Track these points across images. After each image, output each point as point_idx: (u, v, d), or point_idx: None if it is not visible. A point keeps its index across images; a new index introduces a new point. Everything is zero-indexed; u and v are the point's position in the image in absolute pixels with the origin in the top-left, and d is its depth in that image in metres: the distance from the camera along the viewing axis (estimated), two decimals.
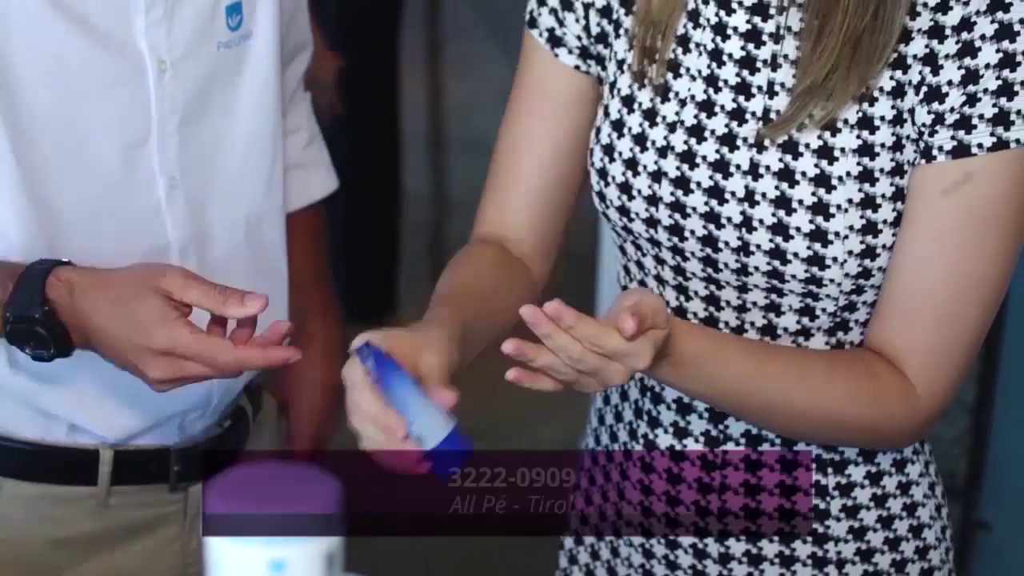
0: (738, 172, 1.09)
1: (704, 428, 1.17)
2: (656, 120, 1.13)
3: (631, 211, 1.14)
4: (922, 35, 1.04)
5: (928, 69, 1.04)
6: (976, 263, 1.05)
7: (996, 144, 1.02)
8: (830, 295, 1.10)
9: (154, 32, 1.19)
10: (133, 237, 1.21)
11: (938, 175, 1.04)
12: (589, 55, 1.19)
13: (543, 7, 1.19)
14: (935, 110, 1.04)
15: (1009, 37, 1.01)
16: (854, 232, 1.07)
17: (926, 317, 1.07)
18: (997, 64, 1.02)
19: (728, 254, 1.10)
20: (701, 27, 1.12)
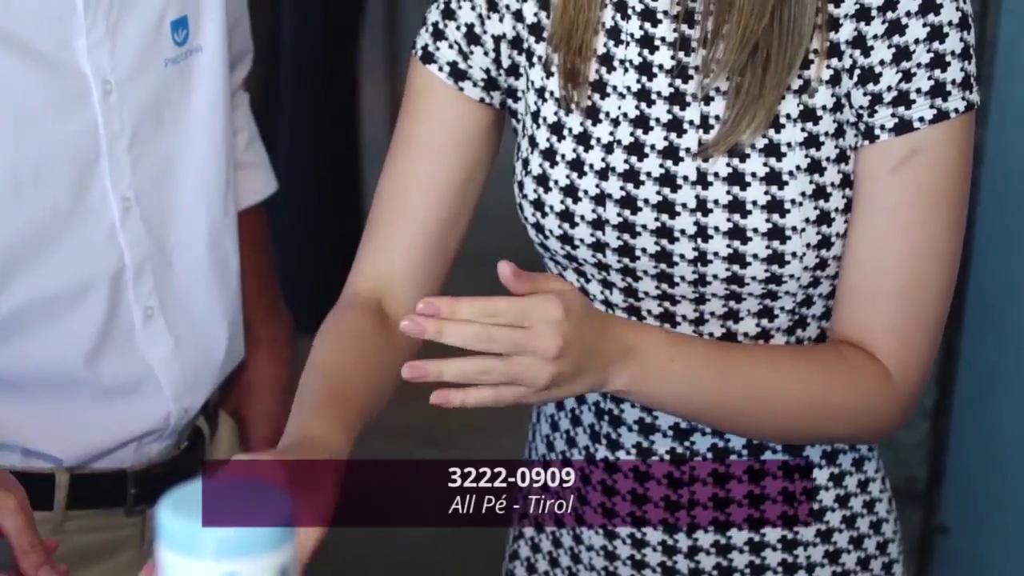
0: (686, 183, 1.09)
1: (669, 447, 1.16)
2: (590, 143, 1.11)
3: (574, 238, 1.13)
4: (849, 19, 1.06)
5: (859, 51, 1.05)
6: (933, 236, 1.06)
7: (937, 116, 1.04)
8: (789, 291, 1.10)
9: (97, 52, 1.17)
10: (88, 262, 1.20)
11: (884, 153, 1.05)
12: (496, 87, 1.17)
13: (441, 41, 1.16)
14: (871, 91, 1.05)
15: (934, 10, 1.03)
16: (810, 224, 1.07)
17: (889, 296, 1.07)
18: (926, 38, 1.03)
19: (684, 267, 1.10)
20: (624, 43, 1.11)
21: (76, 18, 1.16)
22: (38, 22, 1.14)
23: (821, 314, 1.13)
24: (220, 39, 1.27)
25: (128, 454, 1.27)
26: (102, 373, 1.23)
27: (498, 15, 1.14)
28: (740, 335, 1.12)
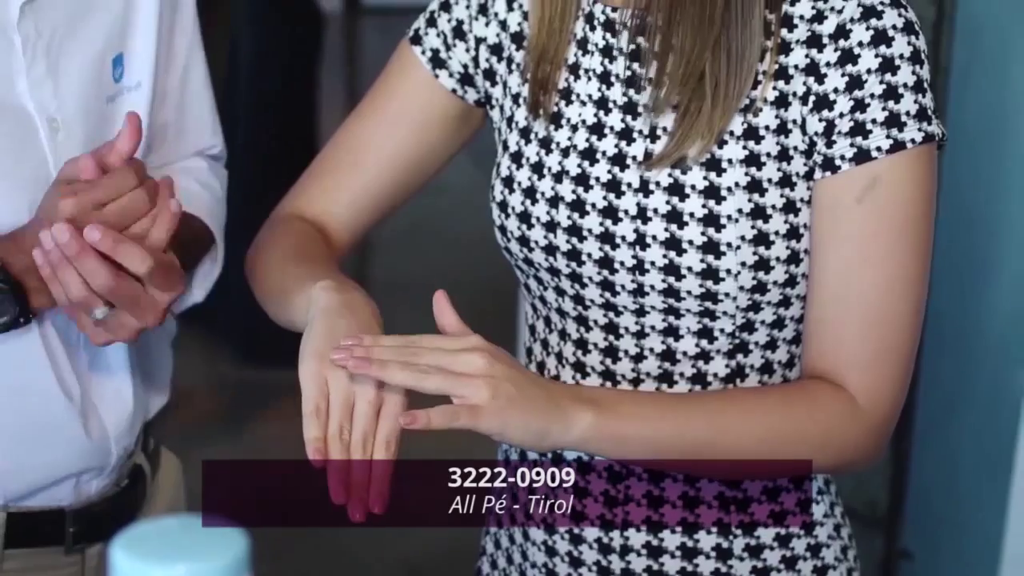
0: (630, 190, 1.10)
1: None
2: (551, 147, 1.14)
3: (531, 240, 1.15)
4: (801, 45, 1.07)
5: (812, 78, 1.06)
6: (900, 264, 1.07)
7: (893, 146, 1.05)
8: (727, 312, 1.10)
9: (39, 91, 1.16)
10: None
11: (847, 184, 1.06)
12: (471, 83, 1.22)
13: (431, 28, 1.22)
14: (826, 117, 1.06)
15: (885, 42, 1.05)
16: (746, 243, 1.08)
17: (857, 327, 1.07)
18: (878, 68, 1.05)
19: (624, 275, 1.11)
20: (590, 53, 1.14)
21: (15, 56, 1.15)
22: None
23: (765, 343, 1.13)
24: (152, 77, 1.26)
25: (66, 492, 1.25)
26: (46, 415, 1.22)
27: (485, 19, 1.20)
28: (680, 353, 1.13)
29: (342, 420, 0.98)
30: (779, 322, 1.12)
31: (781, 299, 1.11)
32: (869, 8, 1.05)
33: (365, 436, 0.98)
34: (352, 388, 0.99)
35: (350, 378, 0.99)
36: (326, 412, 0.98)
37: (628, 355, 1.14)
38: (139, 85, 1.25)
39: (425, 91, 1.22)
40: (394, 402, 0.99)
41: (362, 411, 0.98)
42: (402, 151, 1.22)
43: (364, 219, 1.25)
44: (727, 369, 1.13)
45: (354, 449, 0.97)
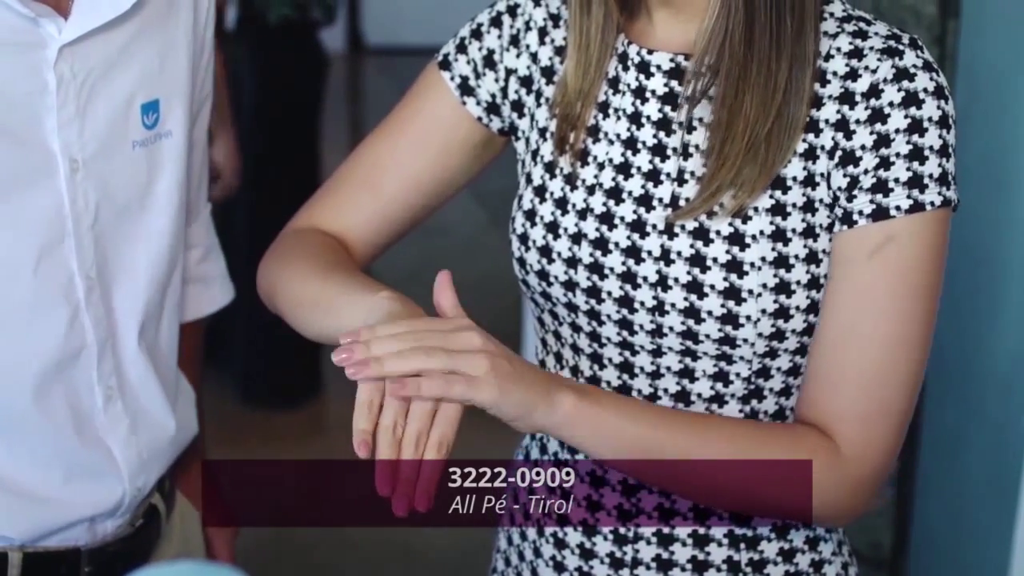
0: (654, 231, 1.11)
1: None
2: (576, 183, 1.15)
3: (550, 275, 1.16)
4: (833, 101, 1.08)
5: (841, 134, 1.07)
6: (903, 324, 1.06)
7: (913, 206, 1.05)
8: (744, 357, 1.10)
9: (66, 131, 1.16)
10: (50, 342, 1.19)
11: (862, 239, 1.06)
12: (497, 112, 1.22)
13: (461, 54, 1.23)
14: (850, 173, 1.07)
15: (915, 104, 1.05)
16: (767, 291, 1.08)
17: (854, 381, 1.07)
18: (906, 129, 1.05)
19: (643, 315, 1.11)
20: (621, 92, 1.14)
21: (48, 96, 1.15)
22: (9, 99, 1.13)
23: (780, 389, 1.13)
24: (185, 125, 1.27)
25: (81, 532, 1.25)
26: (62, 458, 1.22)
27: (516, 51, 1.21)
28: (694, 395, 1.13)
29: (397, 414, 0.97)
30: (794, 369, 1.13)
31: (798, 347, 1.11)
32: (902, 70, 1.06)
33: (419, 434, 0.97)
34: None
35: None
36: (379, 406, 0.98)
37: (641, 395, 1.14)
38: (170, 133, 1.25)
39: (450, 116, 1.22)
40: (452, 406, 0.99)
41: (418, 410, 0.98)
42: (421, 173, 1.23)
43: (379, 238, 1.25)
44: (740, 414, 1.13)
45: (406, 445, 0.97)
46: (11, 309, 1.16)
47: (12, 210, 1.14)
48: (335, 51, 4.63)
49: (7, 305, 1.16)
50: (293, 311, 1.18)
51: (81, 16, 1.15)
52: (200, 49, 1.31)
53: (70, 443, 1.21)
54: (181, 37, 1.26)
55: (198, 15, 1.29)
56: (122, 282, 1.24)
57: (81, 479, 1.23)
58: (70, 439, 1.21)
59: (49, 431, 1.20)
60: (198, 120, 1.34)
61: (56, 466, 1.21)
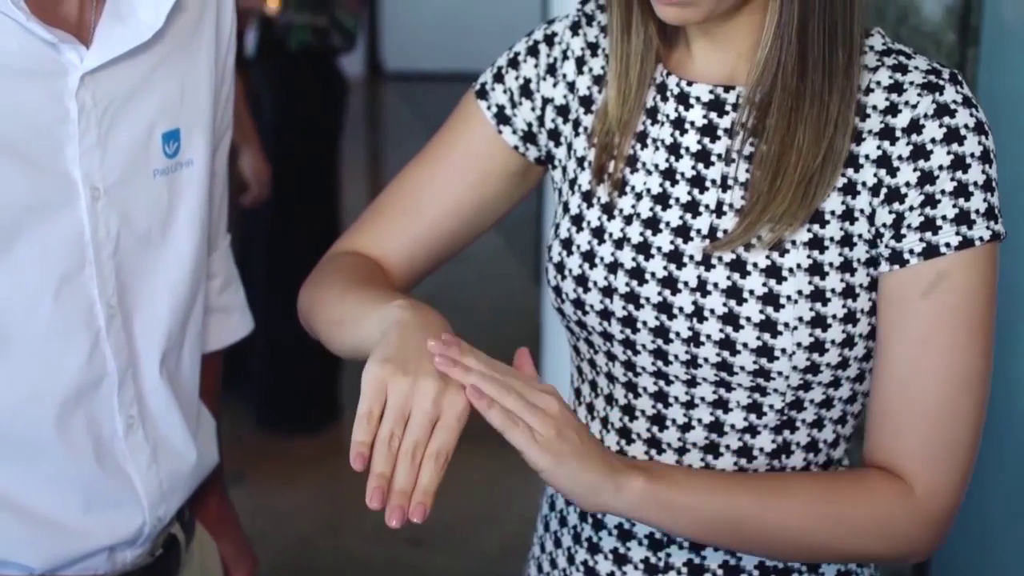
0: (691, 262, 1.10)
1: (644, 555, 1.16)
2: (613, 213, 1.15)
3: (586, 303, 1.15)
4: (873, 136, 1.07)
5: (884, 170, 1.06)
6: (963, 359, 1.06)
7: (962, 243, 1.05)
8: (778, 389, 1.10)
9: (88, 159, 1.16)
10: (70, 370, 1.19)
11: (914, 278, 1.06)
12: (534, 141, 1.23)
13: (498, 84, 1.23)
14: (896, 210, 1.06)
15: (957, 141, 1.05)
16: (803, 324, 1.07)
17: (919, 420, 1.07)
18: (950, 166, 1.05)
19: (679, 345, 1.11)
20: (659, 123, 1.14)
21: (69, 124, 1.15)
22: (31, 127, 1.13)
23: (812, 421, 1.13)
24: (206, 154, 1.27)
25: (101, 562, 1.25)
26: (83, 486, 1.22)
27: (553, 80, 1.21)
28: (727, 426, 1.12)
29: (394, 426, 0.96)
30: (828, 402, 1.12)
31: (832, 380, 1.10)
32: (943, 106, 1.05)
33: (416, 444, 0.96)
34: (411, 397, 0.98)
35: (410, 388, 0.98)
36: (378, 418, 0.97)
37: (675, 424, 1.14)
38: (191, 162, 1.25)
39: (487, 145, 1.23)
40: (453, 416, 0.98)
41: (417, 420, 0.97)
42: (460, 202, 1.23)
43: (418, 264, 1.25)
44: (773, 444, 1.13)
45: (402, 456, 0.96)
46: (32, 336, 1.16)
47: (33, 237, 1.14)
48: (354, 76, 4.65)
49: (28, 332, 1.15)
50: (325, 330, 1.18)
51: (103, 45, 1.16)
52: (221, 78, 1.31)
53: (91, 471, 1.21)
54: (203, 66, 1.27)
55: (220, 44, 1.30)
56: (143, 310, 1.23)
57: (101, 508, 1.22)
58: (91, 467, 1.21)
59: (70, 459, 1.20)
60: (219, 149, 1.34)
61: (76, 494, 1.21)
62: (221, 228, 1.42)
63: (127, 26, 1.17)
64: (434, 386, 0.97)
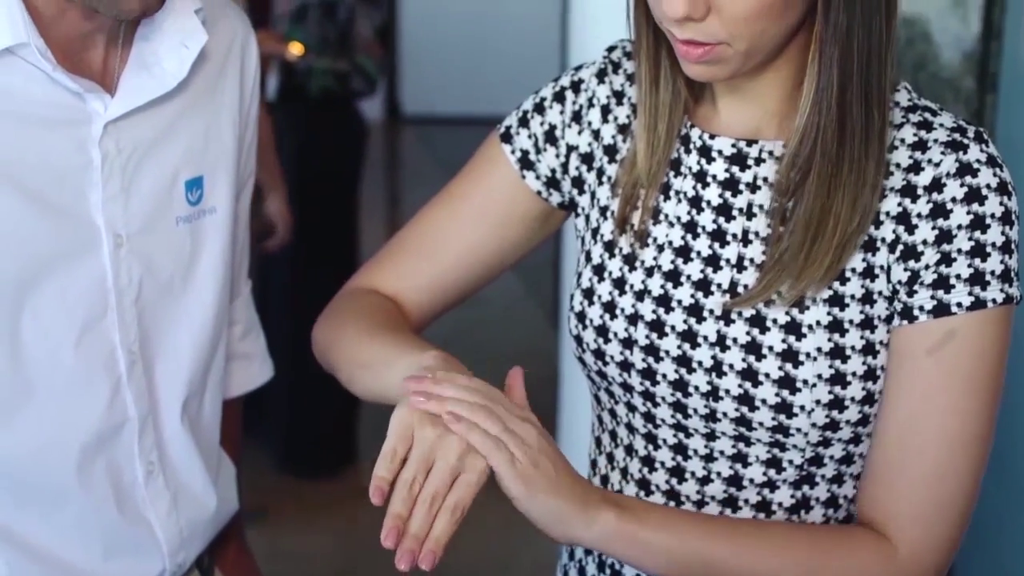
0: (711, 316, 1.10)
1: None
2: (635, 264, 1.15)
3: (606, 354, 1.15)
4: (895, 193, 1.06)
5: (902, 227, 1.06)
6: (965, 421, 1.04)
7: (974, 303, 1.03)
8: (797, 446, 1.09)
9: (111, 206, 1.17)
10: (91, 416, 1.19)
11: (922, 335, 1.05)
12: (557, 187, 1.23)
13: (523, 128, 1.23)
14: (911, 268, 1.05)
15: (978, 200, 1.04)
16: (823, 381, 1.07)
17: (913, 479, 1.05)
18: (968, 225, 1.04)
19: (697, 399, 1.10)
20: (682, 175, 1.14)
21: (93, 172, 1.16)
22: (55, 174, 1.14)
23: (832, 477, 1.12)
24: (229, 202, 1.28)
25: None
26: (103, 533, 1.22)
27: (578, 127, 1.21)
28: (746, 480, 1.12)
29: (417, 472, 0.97)
30: (848, 458, 1.11)
31: (852, 437, 1.09)
32: (966, 165, 1.04)
33: (435, 494, 0.97)
34: (437, 446, 0.98)
35: (437, 440, 0.99)
36: (401, 458, 0.98)
37: (695, 477, 1.13)
38: (214, 210, 1.26)
39: (509, 189, 1.23)
40: (474, 474, 0.98)
41: (440, 470, 0.98)
42: (479, 244, 1.23)
43: (434, 304, 1.25)
44: (792, 500, 1.12)
45: (421, 502, 0.97)
46: (54, 382, 1.16)
47: (56, 284, 1.14)
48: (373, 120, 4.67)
49: (49, 378, 1.16)
50: (347, 371, 1.18)
51: (127, 93, 1.17)
52: (245, 125, 1.32)
53: (111, 518, 1.21)
54: (226, 114, 1.28)
55: (243, 92, 1.30)
56: (165, 357, 1.24)
57: (121, 554, 1.22)
58: (111, 514, 1.21)
59: (90, 505, 1.20)
60: (242, 195, 1.35)
61: (96, 541, 1.21)
62: (243, 274, 1.43)
63: (152, 75, 1.18)
64: (460, 443, 0.99)
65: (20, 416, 1.15)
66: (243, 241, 1.39)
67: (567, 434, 2.78)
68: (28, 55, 1.10)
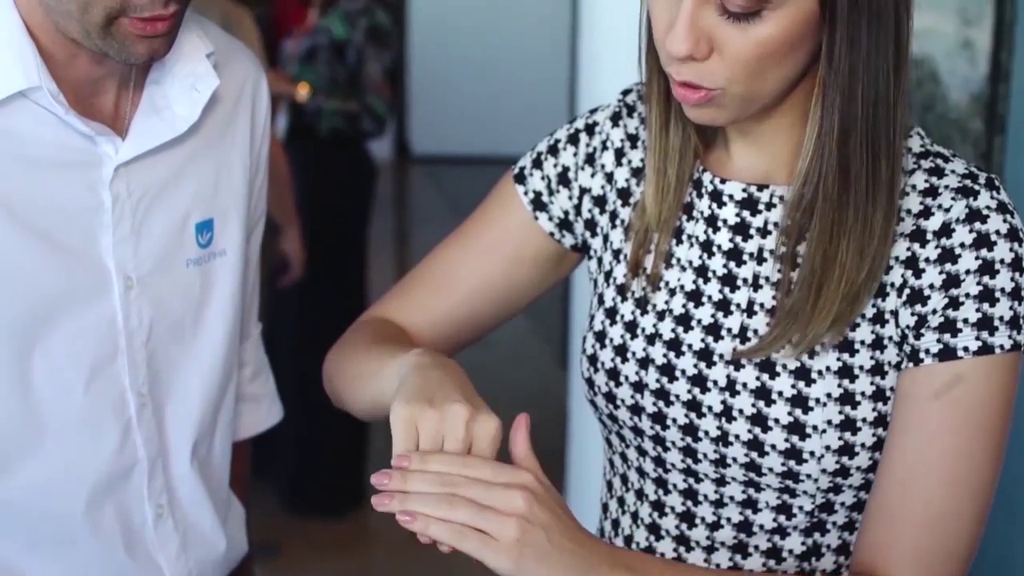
0: (721, 361, 1.10)
1: None
2: (647, 308, 1.15)
3: (617, 398, 1.15)
4: (904, 238, 1.06)
5: (911, 272, 1.05)
6: (968, 466, 1.03)
7: (981, 348, 1.03)
8: (807, 492, 1.09)
9: (121, 248, 1.17)
10: (101, 458, 1.19)
11: (928, 378, 1.04)
12: (569, 229, 1.23)
13: (537, 170, 1.23)
14: (918, 312, 1.05)
15: (987, 246, 1.03)
16: (832, 427, 1.06)
17: (917, 522, 1.04)
18: (977, 270, 1.03)
19: (707, 444, 1.10)
20: (694, 219, 1.14)
21: (104, 214, 1.16)
22: (66, 216, 1.14)
23: (843, 524, 1.11)
24: (240, 244, 1.28)
25: None
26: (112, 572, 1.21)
27: (592, 170, 1.21)
28: (756, 526, 1.11)
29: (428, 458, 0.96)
30: (859, 504, 1.10)
31: (863, 483, 1.09)
32: (975, 211, 1.04)
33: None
34: (441, 429, 0.97)
35: (439, 418, 0.97)
36: None
37: (704, 522, 1.13)
38: (224, 252, 1.26)
39: (522, 229, 1.23)
40: (486, 438, 0.97)
41: (451, 447, 0.97)
42: (490, 283, 1.23)
43: (446, 340, 1.25)
44: (803, 547, 1.11)
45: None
46: (63, 424, 1.16)
47: (67, 326, 1.15)
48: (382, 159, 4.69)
49: (59, 420, 1.16)
50: (347, 388, 1.17)
51: (138, 137, 1.17)
52: (256, 167, 1.32)
53: (120, 560, 1.21)
54: (237, 156, 1.28)
55: (254, 135, 1.31)
56: (175, 399, 1.24)
57: None
58: (120, 556, 1.21)
59: (99, 548, 1.19)
60: (252, 237, 1.35)
61: None
62: (252, 316, 1.43)
63: (163, 119, 1.19)
64: (463, 411, 0.97)
65: (29, 458, 1.15)
66: (253, 282, 1.39)
67: (576, 476, 2.77)
68: (40, 98, 1.11)
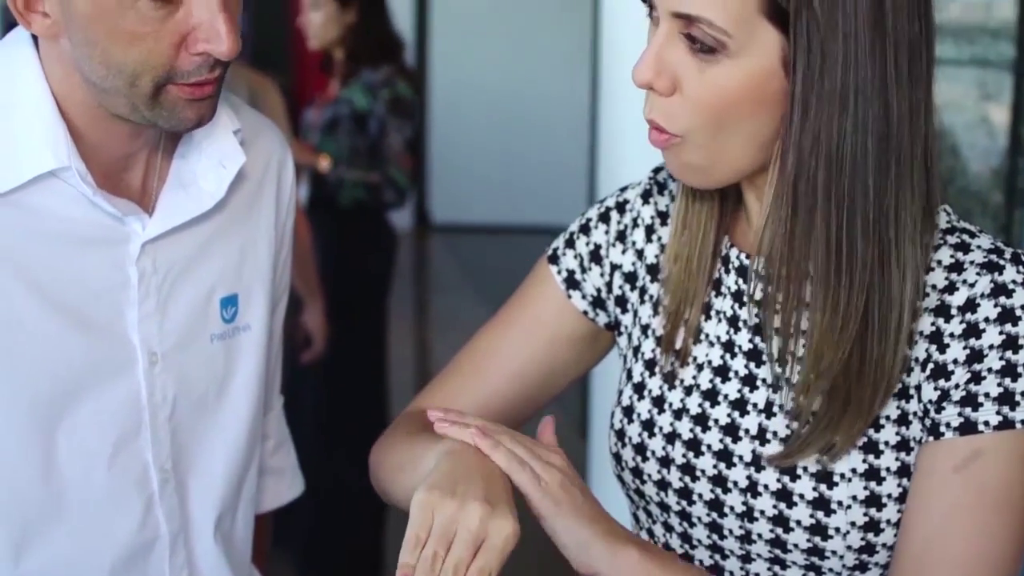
0: (747, 436, 1.10)
1: None
2: (675, 383, 1.15)
3: (644, 473, 1.15)
4: (929, 313, 1.06)
5: (935, 347, 1.05)
6: (989, 543, 1.02)
7: (1002, 423, 1.02)
8: (833, 569, 1.08)
9: (146, 324, 1.18)
10: (123, 533, 1.19)
11: (948, 452, 1.03)
12: (602, 307, 1.23)
13: (569, 249, 1.24)
14: (941, 387, 1.04)
15: (1011, 321, 1.03)
16: (857, 503, 1.06)
17: None
18: (1000, 345, 1.03)
19: (732, 520, 1.10)
20: (722, 295, 1.15)
21: (130, 290, 1.17)
22: (92, 292, 1.15)
23: None
24: (264, 319, 1.29)
25: None
26: None
27: (622, 247, 1.22)
28: None
29: (438, 547, 0.96)
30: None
31: (889, 561, 1.08)
32: (1001, 285, 1.04)
33: (458, 563, 0.96)
34: (457, 519, 0.97)
35: (457, 510, 0.97)
36: (424, 541, 0.97)
37: None
38: (249, 327, 1.27)
39: (557, 309, 1.24)
40: (499, 538, 0.97)
41: (461, 539, 0.97)
42: (528, 365, 1.23)
43: None
44: None
45: (443, 573, 0.95)
46: (86, 499, 1.16)
47: (91, 401, 1.15)
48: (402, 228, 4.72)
49: (82, 495, 1.16)
50: (390, 480, 1.17)
51: (165, 214, 1.18)
52: (280, 243, 1.33)
53: None
54: (262, 232, 1.29)
55: (279, 210, 1.32)
56: (198, 474, 1.24)
57: None
58: None
59: None
60: (276, 311, 1.35)
61: None
62: (275, 389, 1.43)
63: (189, 195, 1.20)
64: (481, 508, 0.98)
65: (51, 533, 1.15)
66: (276, 355, 1.40)
67: None
68: (69, 178, 1.12)
